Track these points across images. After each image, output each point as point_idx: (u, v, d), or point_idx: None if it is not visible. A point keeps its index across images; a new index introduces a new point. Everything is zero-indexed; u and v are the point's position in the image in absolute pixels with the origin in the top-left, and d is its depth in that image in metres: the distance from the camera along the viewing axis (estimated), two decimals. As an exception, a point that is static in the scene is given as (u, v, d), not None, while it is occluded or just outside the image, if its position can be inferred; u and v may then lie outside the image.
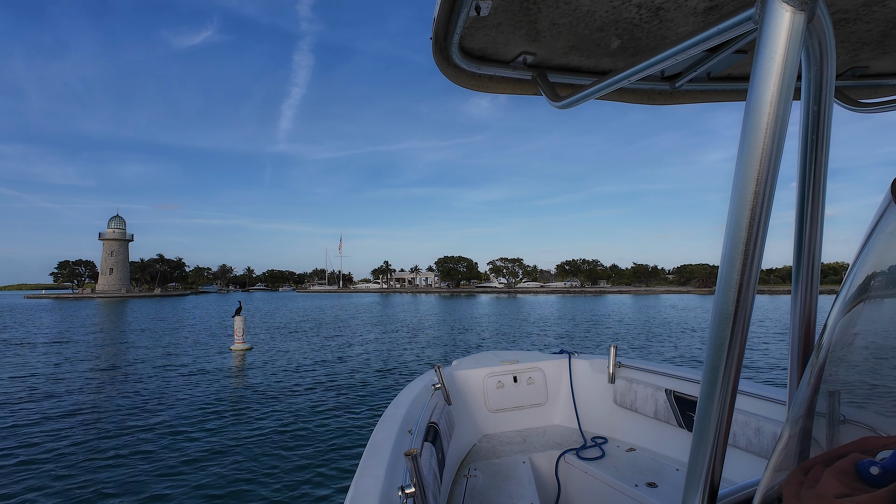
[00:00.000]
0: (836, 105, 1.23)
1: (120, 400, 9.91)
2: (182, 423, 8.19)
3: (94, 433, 7.68)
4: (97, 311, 41.16)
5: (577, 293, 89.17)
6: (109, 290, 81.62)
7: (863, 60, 1.26)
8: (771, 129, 0.63)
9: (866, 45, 1.18)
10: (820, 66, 0.81)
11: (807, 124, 0.85)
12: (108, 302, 62.01)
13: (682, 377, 2.69)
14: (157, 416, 8.69)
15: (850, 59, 1.25)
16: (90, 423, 8.26)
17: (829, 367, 0.66)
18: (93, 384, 11.54)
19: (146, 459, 6.52)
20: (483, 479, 2.41)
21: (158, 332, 24.11)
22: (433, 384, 2.64)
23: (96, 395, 10.35)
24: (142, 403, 9.60)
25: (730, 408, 0.71)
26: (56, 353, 16.89)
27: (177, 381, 11.84)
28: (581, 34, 1.14)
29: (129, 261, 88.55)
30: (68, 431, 7.79)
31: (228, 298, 75.72)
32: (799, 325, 0.87)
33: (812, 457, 0.65)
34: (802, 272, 0.88)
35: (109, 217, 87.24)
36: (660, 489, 2.26)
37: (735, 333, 0.68)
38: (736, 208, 0.66)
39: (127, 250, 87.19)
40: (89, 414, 8.84)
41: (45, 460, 6.55)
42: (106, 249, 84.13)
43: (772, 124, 0.63)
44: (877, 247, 0.65)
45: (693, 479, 0.74)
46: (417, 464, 1.25)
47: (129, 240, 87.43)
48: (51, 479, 5.91)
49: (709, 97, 1.48)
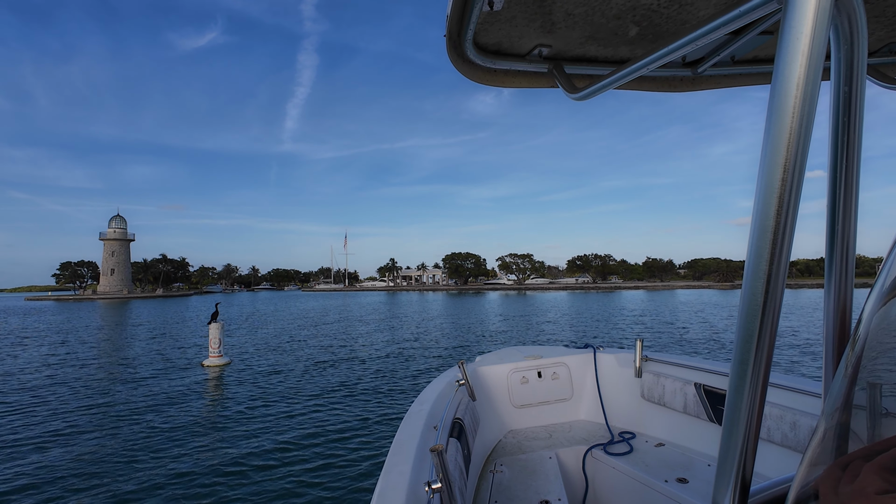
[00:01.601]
0: (872, 84, 1.22)
1: (24, 450, 7.03)
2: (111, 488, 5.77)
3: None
4: (84, 314, 39.33)
5: (591, 289, 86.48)
6: (111, 292, 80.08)
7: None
8: (798, 113, 0.60)
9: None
10: (850, 44, 0.77)
11: (838, 107, 0.81)
12: (108, 304, 60.40)
13: (711, 370, 2.63)
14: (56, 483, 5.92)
15: (887, 34, 1.20)
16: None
17: (867, 358, 0.64)
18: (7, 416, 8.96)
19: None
20: (509, 474, 2.40)
21: (129, 339, 21.03)
22: (457, 380, 2.61)
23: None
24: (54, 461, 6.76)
25: (760, 401, 0.69)
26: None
27: (119, 411, 9.07)
28: (597, 23, 1.12)
29: (130, 261, 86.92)
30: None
31: (233, 298, 74.25)
32: (833, 318, 0.85)
33: (851, 451, 0.63)
34: (836, 263, 0.85)
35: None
36: (691, 484, 2.22)
37: (764, 326, 0.66)
38: (763, 197, 0.64)
39: (128, 251, 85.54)
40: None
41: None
42: (107, 250, 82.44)
43: (799, 107, 0.60)
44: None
45: (723, 474, 0.72)
46: (443, 459, 1.26)
47: (130, 240, 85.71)
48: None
49: (733, 81, 1.41)
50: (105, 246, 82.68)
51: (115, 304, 57.36)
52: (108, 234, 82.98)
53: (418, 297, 68.82)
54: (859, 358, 0.65)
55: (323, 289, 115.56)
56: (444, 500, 1.27)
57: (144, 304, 55.48)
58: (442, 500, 1.28)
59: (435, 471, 1.28)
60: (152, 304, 57.95)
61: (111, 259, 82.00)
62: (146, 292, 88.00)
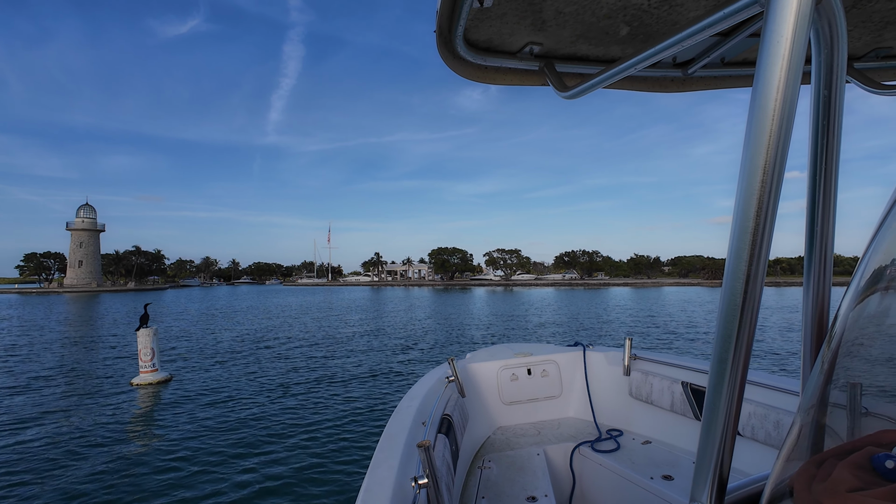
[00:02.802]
0: (858, 88, 1.26)
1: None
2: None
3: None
4: (37, 309, 36.03)
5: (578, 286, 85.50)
6: (78, 285, 75.95)
7: (887, 41, 1.22)
8: (778, 115, 0.61)
9: (890, 25, 1.14)
10: (831, 48, 0.79)
11: (818, 110, 0.83)
12: (75, 297, 56.91)
13: (698, 369, 2.67)
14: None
15: (873, 39, 1.21)
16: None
17: (842, 357, 0.65)
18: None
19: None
20: (497, 470, 2.41)
21: (53, 343, 17.23)
22: (447, 377, 2.62)
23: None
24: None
25: (738, 400, 0.70)
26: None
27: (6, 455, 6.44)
28: (588, 22, 1.12)
29: (100, 253, 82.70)
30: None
31: (212, 292, 71.26)
32: (812, 316, 0.86)
33: (826, 449, 0.64)
34: (815, 262, 0.86)
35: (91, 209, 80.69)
36: (676, 482, 2.25)
37: (743, 325, 0.67)
38: (743, 197, 0.64)
39: (98, 241, 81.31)
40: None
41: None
42: (74, 240, 78.12)
43: (779, 110, 0.61)
44: (892, 231, 0.63)
45: (702, 471, 0.73)
46: (430, 455, 1.26)
47: (100, 230, 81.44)
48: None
49: (723, 83, 1.44)
50: (73, 236, 78.34)
51: (83, 298, 54.01)
52: (75, 224, 78.60)
53: (403, 292, 66.69)
54: (835, 355, 0.65)
55: (305, 283, 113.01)
56: (431, 495, 1.28)
57: (113, 299, 52.33)
58: (428, 495, 1.28)
59: (422, 466, 1.27)
60: (123, 298, 54.71)
61: (79, 250, 77.69)
62: (117, 286, 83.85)
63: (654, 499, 2.22)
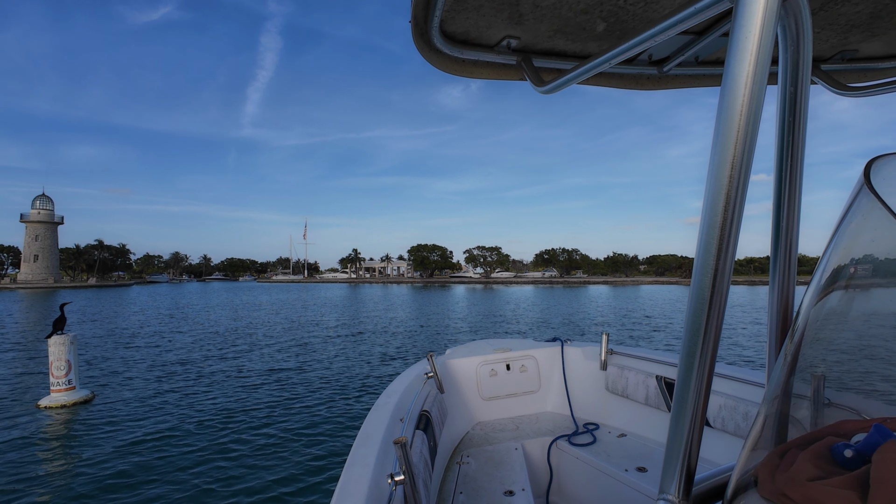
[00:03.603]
0: (826, 90, 1.30)
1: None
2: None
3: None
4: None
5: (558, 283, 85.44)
6: (34, 280, 71.27)
7: (852, 43, 1.25)
8: (746, 112, 0.62)
9: (855, 28, 1.17)
10: (797, 46, 0.80)
11: (784, 107, 0.85)
12: (29, 294, 53.21)
13: (672, 363, 2.69)
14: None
15: (840, 42, 1.24)
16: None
17: (803, 350, 0.67)
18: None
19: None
20: (475, 465, 2.42)
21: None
22: (426, 373, 2.61)
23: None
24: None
25: (706, 392, 0.71)
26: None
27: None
28: (565, 17, 1.12)
29: (58, 247, 77.87)
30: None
31: (181, 289, 68.03)
32: (777, 312, 0.88)
33: (790, 440, 0.65)
34: (780, 261, 0.88)
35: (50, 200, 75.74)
36: (649, 473, 2.29)
37: (711, 319, 0.68)
38: (711, 194, 0.65)
39: (55, 234, 76.48)
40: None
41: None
42: (29, 233, 73.16)
43: (746, 106, 0.62)
44: (850, 231, 0.65)
45: (671, 461, 0.73)
46: (406, 452, 1.26)
47: (57, 222, 76.58)
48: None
49: (697, 81, 1.47)
50: (27, 229, 73.41)
51: (36, 295, 50.41)
52: (30, 216, 73.63)
53: (382, 290, 64.98)
54: (797, 348, 0.67)
55: (281, 280, 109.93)
56: (408, 492, 1.27)
57: (72, 296, 48.99)
58: (405, 492, 1.28)
59: (398, 463, 1.26)
60: (82, 295, 51.41)
61: (34, 244, 72.87)
62: (77, 281, 79.26)
63: (629, 490, 2.25)
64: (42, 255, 73.39)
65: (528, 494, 2.10)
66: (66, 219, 76.83)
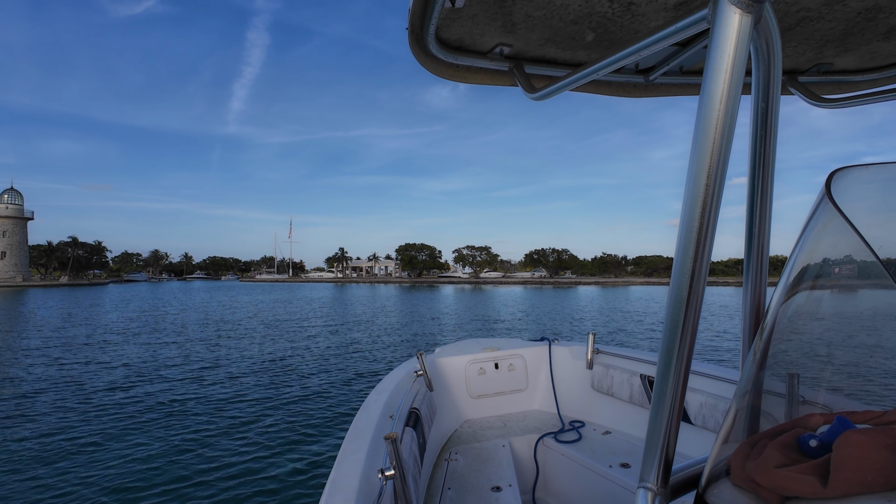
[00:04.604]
0: (801, 100, 1.39)
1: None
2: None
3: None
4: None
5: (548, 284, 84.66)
6: (1, 278, 67.71)
7: (827, 57, 1.32)
8: (721, 124, 0.65)
9: (829, 43, 1.23)
10: (768, 64, 0.85)
11: (756, 120, 0.89)
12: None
13: (656, 362, 2.78)
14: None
15: (815, 55, 1.30)
16: None
17: (772, 347, 0.71)
18: None
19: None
20: (463, 462, 2.46)
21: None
22: (415, 371, 2.64)
23: None
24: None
25: (683, 386, 0.73)
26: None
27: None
28: (556, 27, 1.16)
29: (27, 243, 74.26)
30: None
31: (160, 288, 65.31)
32: (749, 311, 0.92)
33: (760, 431, 0.69)
34: (752, 262, 0.92)
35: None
36: (633, 469, 2.34)
37: (688, 317, 0.70)
38: (689, 200, 0.68)
39: (25, 230, 72.86)
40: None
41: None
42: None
43: (721, 119, 0.65)
44: (812, 238, 0.69)
45: (650, 453, 0.76)
46: (397, 447, 1.28)
47: (27, 218, 72.93)
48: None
49: (681, 90, 1.53)
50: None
51: (3, 294, 47.48)
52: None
53: (369, 290, 63.28)
54: (767, 345, 0.71)
55: (265, 279, 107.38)
56: (398, 486, 1.29)
57: (42, 295, 46.35)
58: (395, 486, 1.30)
59: (389, 458, 1.29)
60: (52, 294, 48.78)
61: (2, 240, 69.14)
62: (49, 280, 75.75)
63: (612, 486, 2.30)
64: (10, 251, 69.72)
65: (515, 490, 2.14)
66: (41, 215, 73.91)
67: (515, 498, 2.08)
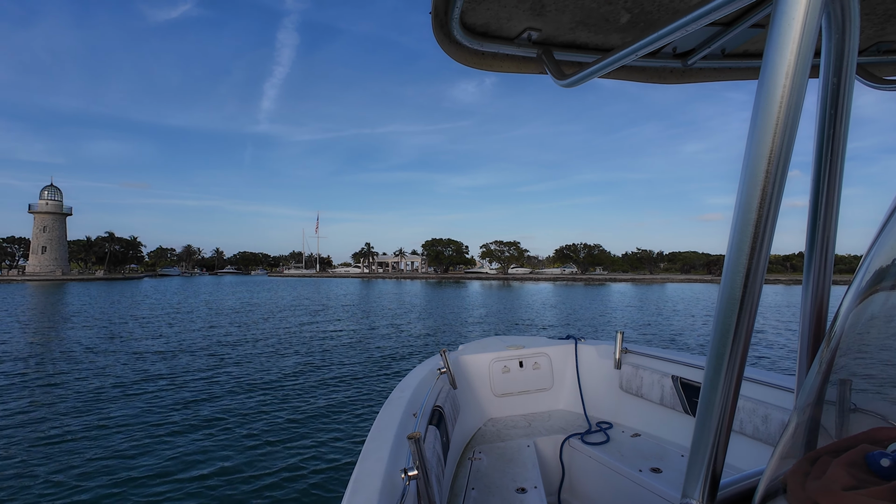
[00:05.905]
0: (859, 83, 1.22)
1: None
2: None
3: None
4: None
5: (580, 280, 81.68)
6: (41, 272, 69.91)
7: (889, 35, 1.21)
8: (786, 104, 0.58)
9: (893, 18, 1.12)
10: (842, 34, 0.75)
11: (826, 99, 0.79)
12: (35, 286, 51.55)
13: (688, 363, 2.68)
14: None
15: (876, 33, 1.20)
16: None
17: (841, 355, 0.64)
18: None
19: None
20: (487, 462, 2.42)
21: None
22: (439, 368, 2.62)
23: None
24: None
25: (734, 396, 0.68)
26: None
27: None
28: (588, 8, 1.09)
29: (66, 238, 76.49)
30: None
31: (192, 282, 66.19)
32: (810, 314, 0.84)
33: (820, 446, 0.62)
34: (815, 259, 0.84)
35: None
36: (664, 474, 2.26)
37: (741, 320, 0.65)
38: (746, 189, 0.62)
39: (64, 226, 75.07)
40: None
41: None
42: (37, 225, 71.69)
43: (787, 98, 0.58)
44: (893, 235, 0.61)
45: (695, 466, 0.71)
46: (420, 447, 1.25)
47: (66, 213, 75.11)
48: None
49: (723, 75, 1.41)
50: (35, 220, 71.99)
51: (42, 287, 48.69)
52: (38, 207, 72.15)
53: (396, 286, 62.15)
54: (833, 355, 0.64)
55: (293, 274, 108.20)
56: (421, 487, 1.27)
57: (77, 288, 47.22)
58: (418, 487, 1.27)
59: (412, 458, 1.26)
60: (90, 287, 49.65)
61: (42, 235, 71.45)
62: (87, 274, 78.00)
63: (643, 491, 2.22)
64: (50, 246, 72.01)
65: (541, 492, 2.09)
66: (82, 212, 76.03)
67: (541, 500, 2.02)
